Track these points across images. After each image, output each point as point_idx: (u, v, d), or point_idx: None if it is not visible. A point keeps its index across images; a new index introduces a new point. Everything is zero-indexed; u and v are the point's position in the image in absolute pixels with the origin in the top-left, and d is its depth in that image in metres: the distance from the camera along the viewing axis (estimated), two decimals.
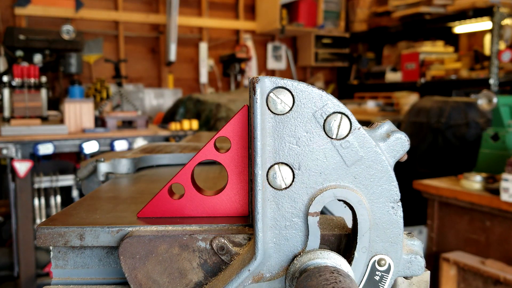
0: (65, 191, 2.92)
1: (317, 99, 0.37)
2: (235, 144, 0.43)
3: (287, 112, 0.37)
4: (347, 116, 0.37)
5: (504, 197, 2.11)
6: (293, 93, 0.37)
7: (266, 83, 0.37)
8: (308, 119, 0.37)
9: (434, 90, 4.07)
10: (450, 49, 4.67)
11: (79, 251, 0.43)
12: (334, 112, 0.37)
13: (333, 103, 0.37)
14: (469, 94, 3.60)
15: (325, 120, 0.37)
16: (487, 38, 3.89)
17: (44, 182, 2.78)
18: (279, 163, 0.38)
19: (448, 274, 2.36)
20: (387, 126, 0.38)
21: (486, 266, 2.19)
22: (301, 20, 5.01)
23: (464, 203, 2.36)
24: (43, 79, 2.99)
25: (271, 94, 0.37)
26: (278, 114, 0.37)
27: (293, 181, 0.38)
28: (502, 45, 3.19)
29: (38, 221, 2.74)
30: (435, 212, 2.56)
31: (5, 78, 2.87)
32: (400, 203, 0.38)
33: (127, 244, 0.39)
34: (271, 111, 0.37)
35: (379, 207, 0.38)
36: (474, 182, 2.34)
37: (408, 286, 0.41)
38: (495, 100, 2.46)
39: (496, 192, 2.19)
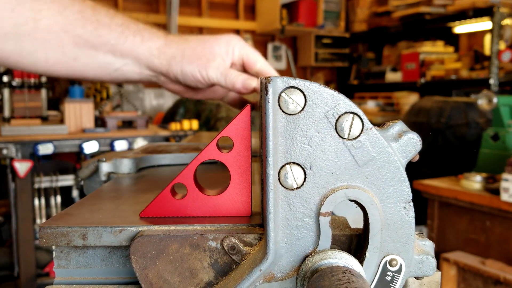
0: (65, 191, 2.92)
1: (329, 99, 0.37)
2: (237, 144, 0.44)
3: (298, 112, 0.37)
4: (359, 116, 0.37)
5: (504, 197, 2.11)
6: (305, 93, 0.37)
7: (278, 83, 0.37)
8: (320, 119, 0.37)
9: (434, 90, 4.08)
10: (450, 49, 4.68)
11: (82, 251, 0.43)
12: (346, 112, 0.37)
13: (345, 103, 0.37)
14: (469, 94, 3.60)
15: (337, 120, 0.37)
16: (487, 38, 3.90)
17: (44, 182, 2.77)
18: (290, 163, 0.38)
19: (448, 274, 2.37)
20: (399, 126, 0.39)
21: (486, 266, 2.20)
22: (301, 20, 5.01)
23: (464, 203, 2.37)
24: (43, 79, 2.98)
25: (283, 94, 0.37)
26: (289, 114, 0.37)
27: (304, 181, 0.38)
28: (502, 45, 3.20)
29: (38, 221, 2.74)
30: (435, 212, 2.57)
31: (5, 78, 2.86)
32: (411, 204, 0.38)
33: (138, 244, 0.39)
34: (282, 111, 0.37)
35: (390, 207, 0.38)
36: (474, 182, 2.34)
37: (419, 287, 0.41)
38: (495, 100, 2.47)
39: (496, 192, 2.19)
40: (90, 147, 2.74)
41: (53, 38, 0.68)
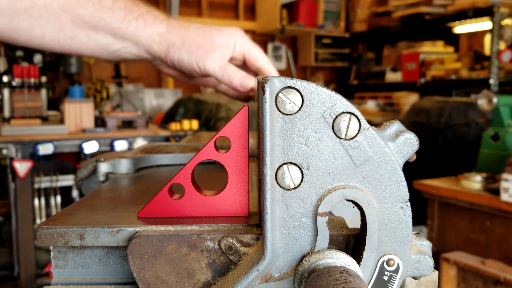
0: (65, 191, 2.92)
1: (326, 99, 0.37)
2: (235, 144, 0.43)
3: (296, 112, 0.37)
4: (356, 116, 0.37)
5: (504, 197, 2.11)
6: (302, 93, 0.37)
7: (275, 83, 0.37)
8: (317, 119, 0.37)
9: (434, 90, 4.08)
10: (450, 49, 4.69)
11: (79, 251, 0.43)
12: (343, 112, 0.37)
13: (342, 103, 0.37)
14: (469, 94, 3.60)
15: (334, 120, 0.37)
16: (487, 38, 3.90)
17: (44, 182, 2.77)
18: (288, 163, 0.38)
19: (448, 274, 2.37)
20: (396, 126, 0.38)
21: (486, 266, 2.19)
22: (301, 20, 5.01)
23: (464, 203, 2.36)
24: (43, 79, 2.99)
25: (280, 94, 0.37)
26: (287, 114, 0.37)
27: (302, 181, 0.38)
28: (502, 45, 3.19)
29: (38, 221, 2.74)
30: (435, 212, 2.57)
31: (5, 78, 2.86)
32: (409, 203, 0.38)
33: (135, 244, 0.39)
34: (280, 111, 0.37)
35: (388, 207, 0.38)
36: (474, 182, 2.34)
37: (416, 286, 0.41)
38: (495, 100, 2.47)
39: (496, 192, 2.19)
40: (90, 147, 2.74)
41: (51, 16, 0.67)
